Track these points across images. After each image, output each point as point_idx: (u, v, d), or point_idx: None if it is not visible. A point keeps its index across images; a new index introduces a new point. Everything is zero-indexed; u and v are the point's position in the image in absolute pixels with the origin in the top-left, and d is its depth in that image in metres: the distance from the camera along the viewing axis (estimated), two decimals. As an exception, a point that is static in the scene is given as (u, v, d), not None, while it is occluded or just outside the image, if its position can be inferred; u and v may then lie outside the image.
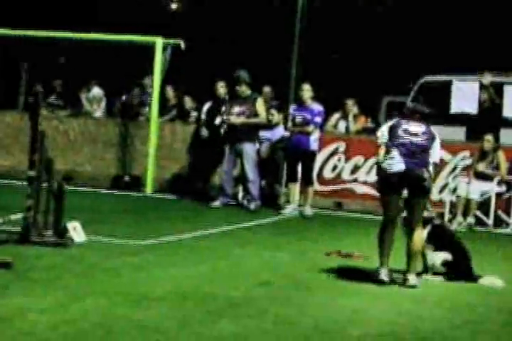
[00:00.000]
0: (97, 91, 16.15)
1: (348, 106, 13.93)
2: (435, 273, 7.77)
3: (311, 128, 12.14)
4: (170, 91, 15.16)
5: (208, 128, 13.32)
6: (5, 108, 15.78)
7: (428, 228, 7.77)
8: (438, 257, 7.73)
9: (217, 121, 13.02)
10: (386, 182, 7.41)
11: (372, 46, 22.95)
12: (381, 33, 22.91)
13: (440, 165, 12.54)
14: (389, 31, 22.86)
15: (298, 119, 12.26)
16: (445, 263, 7.70)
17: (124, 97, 16.07)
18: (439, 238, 7.79)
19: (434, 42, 22.29)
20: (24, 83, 16.79)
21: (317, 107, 12.33)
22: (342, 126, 13.97)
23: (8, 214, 8.60)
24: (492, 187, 12.05)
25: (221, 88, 13.24)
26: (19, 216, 8.41)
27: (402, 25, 22.86)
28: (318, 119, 12.27)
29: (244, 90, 12.47)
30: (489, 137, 12.15)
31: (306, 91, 12.26)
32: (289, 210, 12.28)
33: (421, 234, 7.50)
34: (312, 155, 12.37)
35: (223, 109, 12.69)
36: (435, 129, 7.63)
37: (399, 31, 22.79)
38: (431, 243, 7.74)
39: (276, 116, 13.36)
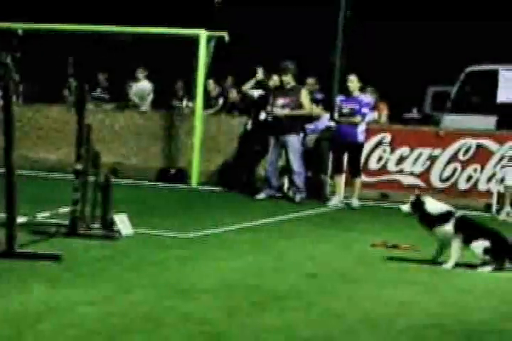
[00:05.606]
0: (144, 84, 16.20)
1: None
2: (483, 264, 7.68)
3: (358, 118, 12.08)
4: (211, 84, 15.22)
5: (254, 121, 13.30)
6: (52, 102, 15.92)
7: (452, 221, 7.68)
8: (477, 246, 7.61)
9: (262, 115, 12.99)
10: None
11: (418, 36, 22.77)
12: (427, 23, 22.71)
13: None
14: (435, 20, 22.66)
15: (345, 110, 12.19)
16: (486, 251, 7.59)
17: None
18: (468, 228, 7.70)
19: (481, 31, 22.04)
20: (70, 77, 16.89)
21: (365, 98, 12.27)
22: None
23: (56, 208, 8.69)
24: (541, 177, 11.88)
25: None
26: (67, 209, 8.50)
27: (448, 15, 22.65)
28: (365, 110, 12.20)
29: (289, 80, 12.41)
30: None
31: (352, 82, 12.21)
32: (335, 202, 12.24)
33: None
34: (359, 146, 12.31)
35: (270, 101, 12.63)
36: (482, 119, 7.49)
37: (445, 20, 22.58)
38: (459, 235, 7.63)
39: (319, 109, 13.31)
